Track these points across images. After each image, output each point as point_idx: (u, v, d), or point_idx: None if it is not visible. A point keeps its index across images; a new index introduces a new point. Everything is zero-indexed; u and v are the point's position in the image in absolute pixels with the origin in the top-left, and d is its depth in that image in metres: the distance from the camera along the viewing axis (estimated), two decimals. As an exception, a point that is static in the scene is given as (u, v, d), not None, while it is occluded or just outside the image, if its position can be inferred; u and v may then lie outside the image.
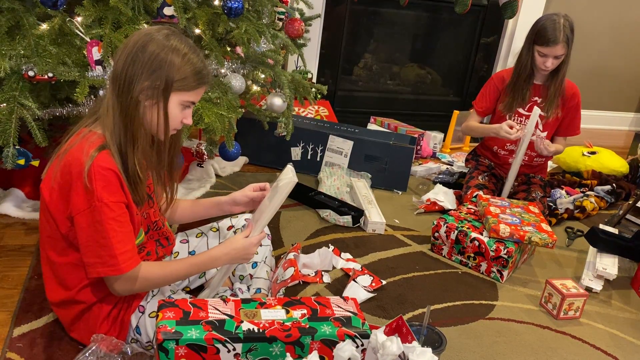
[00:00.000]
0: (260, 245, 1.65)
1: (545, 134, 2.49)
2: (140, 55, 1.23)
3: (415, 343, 1.21)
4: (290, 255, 1.84)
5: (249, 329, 1.20)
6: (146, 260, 1.41)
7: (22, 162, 1.67)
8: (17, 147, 1.64)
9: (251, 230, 1.44)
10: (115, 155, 1.25)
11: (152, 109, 1.27)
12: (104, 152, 1.23)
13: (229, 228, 1.66)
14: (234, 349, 1.18)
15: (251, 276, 1.64)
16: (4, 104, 1.59)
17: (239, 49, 2.11)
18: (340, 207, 2.33)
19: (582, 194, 2.80)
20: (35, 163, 1.71)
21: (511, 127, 2.35)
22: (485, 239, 2.02)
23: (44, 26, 1.66)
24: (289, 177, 1.42)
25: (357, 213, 2.28)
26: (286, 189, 1.41)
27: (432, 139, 3.33)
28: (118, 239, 1.24)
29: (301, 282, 1.80)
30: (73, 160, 1.23)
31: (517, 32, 3.66)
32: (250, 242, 1.42)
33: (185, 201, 1.64)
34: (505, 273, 2.00)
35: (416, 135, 3.06)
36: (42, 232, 1.36)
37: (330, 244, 2.05)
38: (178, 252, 1.61)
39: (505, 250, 1.97)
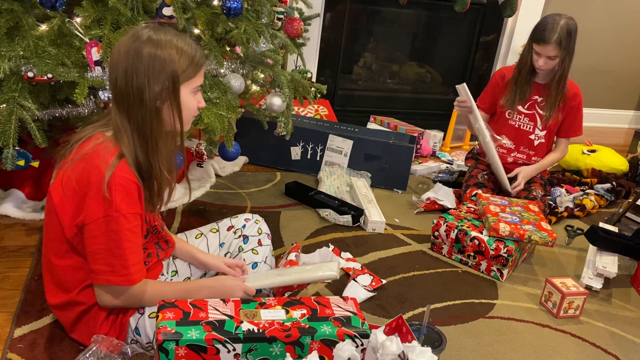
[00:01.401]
0: (260, 245, 1.65)
1: (544, 133, 2.49)
2: (139, 65, 1.20)
3: (415, 342, 1.21)
4: (292, 256, 1.83)
5: (248, 329, 1.20)
6: (147, 262, 1.42)
7: (22, 163, 1.67)
8: (16, 148, 1.64)
9: (246, 275, 1.46)
10: (132, 165, 1.24)
11: (171, 108, 1.26)
12: (124, 161, 1.23)
13: (229, 229, 1.65)
14: (234, 349, 1.19)
15: (251, 277, 1.64)
16: (4, 105, 1.58)
17: (238, 49, 2.11)
18: (340, 206, 2.33)
19: (582, 192, 2.80)
20: (35, 164, 1.71)
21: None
22: (485, 238, 2.02)
23: (43, 27, 1.66)
24: (333, 272, 1.48)
25: (357, 212, 2.28)
26: (318, 278, 1.48)
27: (432, 137, 3.34)
28: (131, 250, 1.25)
29: (307, 287, 1.80)
30: (91, 168, 1.22)
31: (516, 30, 3.65)
32: (238, 287, 1.41)
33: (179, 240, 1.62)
34: (505, 272, 2.00)
35: (416, 134, 3.06)
36: (46, 234, 1.35)
37: (330, 244, 2.05)
38: (178, 253, 1.61)
39: (505, 249, 1.97)
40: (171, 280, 1.55)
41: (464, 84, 2.35)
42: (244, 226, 1.66)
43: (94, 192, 1.21)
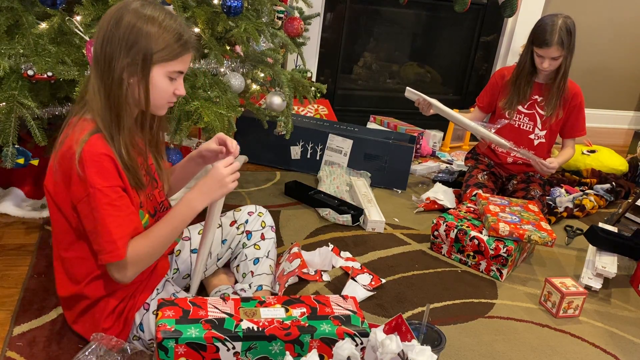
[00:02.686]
0: (264, 239, 1.64)
1: (544, 132, 2.49)
2: (115, 32, 1.18)
3: (414, 341, 1.21)
4: (295, 249, 1.86)
5: (248, 328, 1.20)
6: None
7: (21, 161, 1.67)
8: (16, 146, 1.64)
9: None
10: (107, 138, 1.21)
11: (139, 85, 1.22)
12: (95, 137, 1.19)
13: (232, 223, 1.65)
14: (234, 348, 1.19)
15: (252, 273, 1.62)
16: (4, 103, 1.59)
17: (238, 48, 2.11)
18: (340, 205, 2.33)
19: (581, 193, 2.80)
20: (35, 162, 1.71)
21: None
22: (485, 238, 2.02)
23: (43, 25, 1.66)
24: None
25: (357, 212, 2.28)
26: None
27: (432, 137, 3.34)
28: (116, 223, 1.20)
29: (305, 271, 1.81)
30: (66, 150, 1.20)
31: (516, 30, 3.66)
32: (218, 171, 1.35)
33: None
34: (504, 272, 2.00)
35: (416, 134, 3.06)
36: (53, 229, 1.35)
37: (329, 243, 2.05)
38: (180, 251, 1.59)
39: (505, 248, 1.97)
40: (172, 278, 1.55)
41: (407, 87, 2.42)
42: (246, 221, 1.65)
43: (73, 173, 1.19)
